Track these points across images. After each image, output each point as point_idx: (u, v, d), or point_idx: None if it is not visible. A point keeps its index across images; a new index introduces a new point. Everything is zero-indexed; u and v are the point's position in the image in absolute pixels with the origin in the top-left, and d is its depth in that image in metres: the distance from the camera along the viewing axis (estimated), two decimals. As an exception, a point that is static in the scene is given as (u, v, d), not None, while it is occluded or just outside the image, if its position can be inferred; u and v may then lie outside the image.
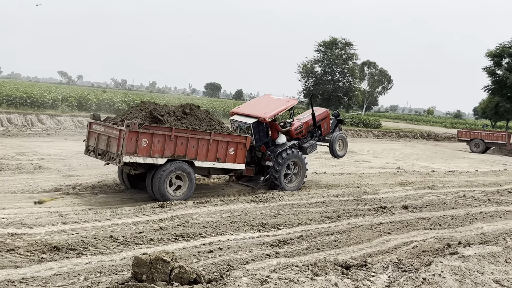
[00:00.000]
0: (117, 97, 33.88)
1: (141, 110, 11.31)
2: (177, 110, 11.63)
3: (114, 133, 10.54)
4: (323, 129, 15.21)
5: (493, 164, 27.61)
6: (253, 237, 8.45)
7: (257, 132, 12.94)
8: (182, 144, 10.90)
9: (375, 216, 10.95)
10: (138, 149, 10.32)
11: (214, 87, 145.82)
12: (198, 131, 11.21)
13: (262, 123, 13.00)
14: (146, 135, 10.37)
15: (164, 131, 10.61)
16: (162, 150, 10.64)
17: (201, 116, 11.94)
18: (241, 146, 12.00)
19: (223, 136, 11.65)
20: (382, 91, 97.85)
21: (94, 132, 11.47)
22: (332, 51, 57.48)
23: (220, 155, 11.61)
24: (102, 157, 11.13)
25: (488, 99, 55.45)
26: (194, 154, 11.15)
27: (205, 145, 11.28)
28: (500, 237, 9.18)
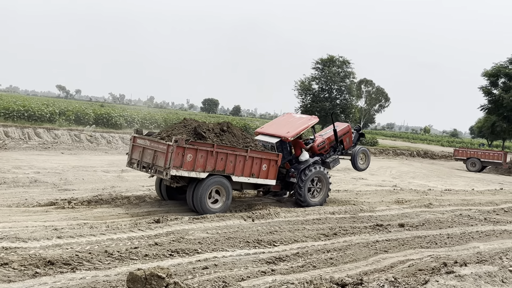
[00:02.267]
0: (115, 112, 33.88)
1: (185, 126, 12.18)
2: (215, 127, 12.36)
3: (162, 147, 11.27)
4: (345, 144, 15.67)
5: (489, 183, 27.63)
6: (249, 254, 8.41)
7: (280, 151, 13.51)
8: (222, 159, 11.69)
9: (371, 234, 10.92)
10: (184, 164, 11.08)
11: (212, 103, 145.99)
12: (237, 148, 11.99)
13: (285, 142, 13.68)
14: (191, 150, 11.15)
15: (207, 147, 11.40)
16: (204, 165, 11.41)
17: (237, 134, 12.69)
18: (273, 163, 12.77)
19: (258, 153, 12.42)
20: (379, 109, 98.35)
21: (138, 146, 12.20)
22: (329, 69, 57.76)
23: (255, 170, 12.39)
24: (146, 170, 11.79)
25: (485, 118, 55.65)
26: (232, 169, 11.92)
27: (242, 161, 12.08)
28: (496, 256, 9.15)
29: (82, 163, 19.17)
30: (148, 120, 34.47)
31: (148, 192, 13.70)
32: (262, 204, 13.44)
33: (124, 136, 29.40)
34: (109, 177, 16.13)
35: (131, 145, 12.54)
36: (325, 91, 59.29)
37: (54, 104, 35.50)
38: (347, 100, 60.68)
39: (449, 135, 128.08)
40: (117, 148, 26.92)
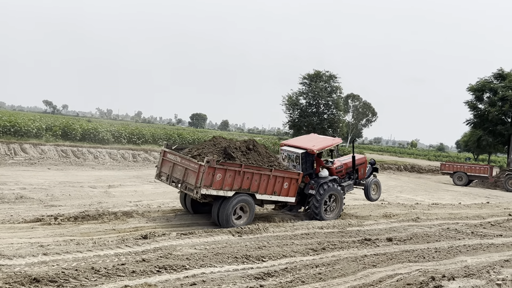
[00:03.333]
0: (102, 127, 33.72)
1: (214, 145, 12.73)
2: (242, 146, 12.84)
3: (193, 166, 11.72)
4: (360, 173, 16.26)
5: (476, 197, 27.85)
6: (237, 270, 8.36)
7: (304, 162, 14.22)
8: (248, 178, 12.15)
9: (359, 248, 10.92)
10: (213, 183, 11.51)
11: (200, 118, 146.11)
12: (262, 167, 12.46)
13: (310, 154, 14.35)
14: (220, 170, 11.59)
15: (235, 167, 11.85)
16: (232, 184, 11.86)
17: (262, 152, 13.21)
18: (294, 181, 13.28)
19: (281, 172, 12.89)
20: (366, 123, 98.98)
21: (168, 160, 12.60)
22: (316, 84, 58.17)
23: (277, 189, 12.87)
24: (176, 185, 12.32)
25: (470, 132, 56.26)
26: (256, 187, 12.38)
27: (266, 180, 12.55)
28: (483, 270, 9.20)
29: (69, 178, 19.01)
30: (136, 135, 34.29)
31: (135, 207, 13.60)
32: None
33: (111, 151, 29.23)
34: (96, 193, 16.01)
35: (160, 158, 12.93)
36: (312, 105, 59.64)
37: (40, 119, 35.26)
38: (335, 115, 61.06)
39: (435, 149, 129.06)
40: (104, 163, 26.75)
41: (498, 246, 12.70)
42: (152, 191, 17.44)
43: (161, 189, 18.08)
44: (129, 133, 34.31)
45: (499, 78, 44.37)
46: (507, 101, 41.65)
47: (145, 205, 14.10)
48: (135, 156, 29.98)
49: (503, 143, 45.98)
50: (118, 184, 18.41)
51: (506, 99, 41.66)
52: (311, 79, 58.73)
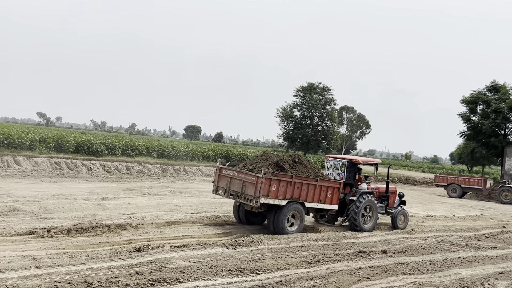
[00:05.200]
0: (96, 139, 33.64)
1: (266, 159, 14.00)
2: (289, 159, 14.15)
3: (250, 178, 12.98)
4: (390, 201, 17.01)
5: (470, 209, 27.89)
6: (231, 282, 8.31)
7: (348, 171, 15.61)
8: (298, 188, 13.37)
9: (354, 260, 10.90)
10: (270, 193, 12.78)
11: (194, 130, 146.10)
12: (309, 178, 13.74)
13: (355, 164, 15.82)
14: (275, 181, 12.85)
15: (287, 178, 13.13)
16: (285, 193, 13.11)
17: (306, 164, 14.50)
18: (336, 190, 14.49)
19: (325, 182, 14.20)
20: (361, 135, 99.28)
21: (225, 176, 13.94)
22: (310, 96, 58.37)
23: (322, 197, 14.09)
24: (234, 197, 13.57)
25: (464, 144, 56.53)
26: (305, 196, 13.62)
27: (313, 189, 13.76)
28: (478, 282, 9.20)
29: (62, 191, 18.91)
30: (130, 148, 34.21)
31: (129, 220, 13.53)
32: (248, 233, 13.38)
33: (105, 163, 29.15)
34: (90, 205, 15.92)
35: (217, 175, 14.22)
36: (306, 118, 59.82)
37: (34, 131, 35.12)
38: (329, 127, 61.22)
39: (429, 161, 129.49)
40: (98, 175, 26.65)
41: (493, 258, 12.71)
42: (145, 204, 17.37)
43: (155, 202, 18.03)
44: (123, 145, 34.24)
45: (492, 90, 44.70)
46: (500, 113, 41.92)
47: (139, 218, 14.03)
48: (129, 168, 29.90)
49: (497, 155, 46.18)
50: (112, 197, 18.32)
51: (499, 111, 41.94)
52: (305, 92, 58.97)
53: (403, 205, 17.65)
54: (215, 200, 20.14)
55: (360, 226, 15.06)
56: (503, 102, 42.50)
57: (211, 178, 32.06)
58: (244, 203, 13.35)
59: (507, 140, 43.85)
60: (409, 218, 17.42)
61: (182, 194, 21.32)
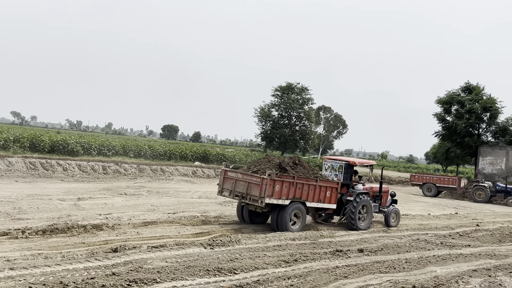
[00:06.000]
0: (72, 139, 33.22)
1: (269, 161, 14.68)
2: (289, 161, 14.88)
3: (255, 180, 13.65)
4: (383, 201, 17.71)
5: (445, 207, 28.33)
6: (209, 282, 8.30)
7: (345, 172, 16.27)
8: (299, 188, 14.08)
9: (331, 259, 10.98)
10: (274, 193, 13.47)
11: (172, 129, 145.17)
12: (310, 179, 14.47)
13: (351, 166, 16.52)
14: (279, 182, 13.57)
15: (290, 179, 13.85)
16: (287, 194, 13.82)
17: (306, 166, 15.23)
18: (334, 190, 15.26)
19: (324, 182, 14.96)
20: (338, 135, 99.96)
21: (230, 178, 14.56)
22: (288, 96, 58.56)
23: (321, 197, 14.81)
24: (239, 198, 14.21)
25: (439, 144, 57.22)
26: (306, 196, 14.32)
27: (313, 189, 14.47)
28: (452, 280, 9.34)
29: (37, 191, 18.63)
30: (106, 147, 33.86)
31: (105, 220, 13.40)
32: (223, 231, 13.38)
33: (81, 163, 28.79)
34: (65, 206, 15.72)
35: (222, 177, 14.84)
36: (284, 117, 60.00)
37: (8, 130, 34.46)
38: (306, 127, 61.53)
39: (405, 160, 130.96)
40: (74, 175, 26.32)
41: (467, 256, 12.93)
42: (122, 204, 17.22)
43: (132, 202, 17.89)
44: (99, 145, 33.87)
45: (466, 91, 45.45)
46: (474, 114, 42.64)
47: (115, 218, 13.91)
48: (105, 168, 29.58)
49: (471, 155, 46.97)
50: (88, 197, 18.12)
51: (473, 111, 42.66)
52: (283, 91, 59.15)
53: (394, 204, 18.32)
54: (192, 200, 20.08)
55: (356, 225, 15.69)
56: (477, 102, 43.25)
57: (188, 178, 31.95)
58: (249, 203, 14.00)
59: (480, 140, 44.68)
60: (400, 217, 18.09)
61: (159, 194, 21.19)
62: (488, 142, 45.09)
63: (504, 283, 7.76)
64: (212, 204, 19.42)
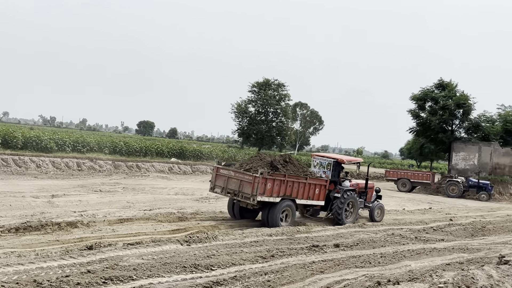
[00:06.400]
0: (45, 135, 32.68)
1: (261, 160, 14.99)
2: (280, 159, 15.22)
3: (247, 178, 13.88)
4: (368, 196, 18.24)
5: (419, 202, 28.74)
6: (186, 279, 8.26)
7: (334, 169, 16.70)
8: (290, 186, 14.40)
9: (308, 255, 11.04)
10: (266, 191, 13.74)
11: (148, 125, 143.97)
12: (300, 177, 14.80)
13: (339, 163, 16.93)
14: (270, 180, 13.85)
15: (281, 177, 14.17)
16: (278, 191, 14.12)
17: (296, 164, 15.59)
18: (323, 187, 15.64)
19: (314, 180, 15.32)
20: (314, 131, 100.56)
21: (222, 175, 14.77)
22: (265, 92, 58.60)
23: (311, 194, 15.15)
24: (231, 195, 14.46)
25: (413, 140, 58.09)
26: (296, 194, 14.65)
27: (303, 187, 14.82)
28: (427, 274, 9.46)
29: (10, 188, 18.29)
30: (81, 144, 33.40)
31: (80, 217, 13.23)
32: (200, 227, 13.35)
33: (55, 160, 28.36)
34: (39, 203, 15.46)
35: (214, 174, 15.05)
36: (261, 113, 60.02)
37: (-21, 126, 33.80)
38: (283, 123, 61.68)
39: (380, 156, 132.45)
40: (47, 172, 25.93)
41: (440, 250, 13.15)
42: (97, 201, 17.02)
43: (107, 199, 17.70)
44: (74, 141, 33.38)
45: (439, 87, 46.07)
46: (448, 110, 43.30)
47: (90, 215, 13.75)
48: (80, 164, 29.20)
49: (444, 151, 47.73)
50: (62, 194, 17.86)
51: (447, 108, 43.30)
52: (260, 87, 59.16)
53: (379, 199, 18.72)
54: (169, 197, 19.97)
55: (343, 221, 16.07)
56: (450, 99, 43.90)
57: (165, 174, 31.75)
58: (241, 200, 14.23)
59: (454, 136, 45.39)
60: (385, 212, 18.58)
61: (135, 191, 21.02)
62: (461, 138, 45.86)
63: (476, 276, 7.90)
64: (189, 200, 19.34)
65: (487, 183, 36.54)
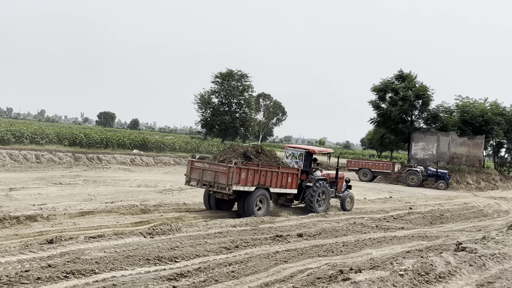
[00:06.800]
0: (2, 126, 31.75)
1: (234, 151, 15.53)
2: (253, 150, 15.85)
3: (222, 169, 14.35)
4: (338, 186, 18.76)
5: (380, 192, 29.31)
6: (149, 272, 8.20)
7: (305, 160, 17.33)
8: (263, 175, 14.96)
9: (271, 245, 11.11)
10: (240, 180, 14.24)
11: (108, 116, 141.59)
12: (273, 166, 15.43)
13: (311, 154, 17.57)
14: (244, 170, 14.36)
15: (254, 167, 14.72)
16: (253, 180, 14.65)
17: (268, 154, 16.28)
18: (295, 176, 16.18)
19: (286, 169, 15.92)
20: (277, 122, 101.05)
21: (197, 168, 15.09)
22: (228, 83, 58.45)
23: (284, 183, 15.70)
24: (207, 186, 14.82)
25: (374, 130, 58.98)
26: (270, 182, 15.19)
27: (276, 176, 15.36)
28: (387, 261, 9.66)
29: (-35, 182, 17.74)
30: (39, 135, 32.59)
31: (40, 211, 12.94)
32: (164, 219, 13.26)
33: (12, 152, 27.60)
34: (-4, 197, 15.05)
35: (189, 167, 15.32)
36: (224, 104, 59.89)
37: None
38: (247, 114, 61.73)
39: (342, 146, 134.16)
40: (5, 165, 25.23)
41: (400, 238, 13.46)
42: (57, 194, 16.69)
43: (67, 191, 17.38)
44: (32, 133, 32.55)
45: (399, 79, 46.91)
46: (407, 101, 44.14)
47: (50, 208, 13.46)
48: (39, 157, 28.52)
49: (404, 141, 48.72)
50: (21, 187, 17.43)
51: (406, 99, 44.14)
52: (223, 78, 58.97)
53: (349, 189, 19.22)
54: (131, 189, 19.75)
55: (315, 209, 16.64)
56: (410, 90, 44.76)
57: (126, 166, 31.37)
58: (217, 191, 14.66)
59: (413, 126, 46.38)
60: (354, 201, 19.33)
61: (96, 183, 20.69)
62: (420, 128, 46.91)
63: (435, 263, 8.13)
64: (152, 192, 19.18)
65: (445, 172, 37.52)
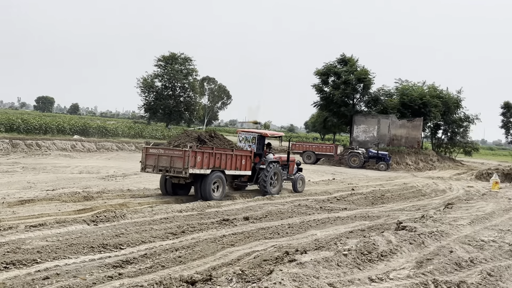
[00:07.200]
0: None
1: (188, 136, 16.02)
2: (206, 134, 16.55)
3: (177, 153, 14.62)
4: (290, 169, 19.39)
5: (323, 174, 29.90)
6: (94, 259, 8.06)
7: (258, 143, 17.98)
8: (218, 158, 15.37)
9: (218, 229, 11.15)
10: (196, 164, 14.55)
11: (47, 101, 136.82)
12: (227, 149, 15.98)
13: (263, 137, 18.37)
14: (199, 153, 14.72)
15: (209, 150, 15.17)
16: (208, 163, 15.00)
17: (221, 138, 16.92)
18: (248, 158, 16.78)
19: (239, 152, 16.53)
20: (222, 106, 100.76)
21: (152, 154, 15.21)
22: (172, 66, 57.63)
23: (238, 165, 16.22)
24: (163, 172, 14.99)
25: (317, 114, 59.96)
26: (225, 165, 15.64)
27: (230, 158, 15.85)
28: (331, 242, 9.92)
29: None
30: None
31: (-24, 200, 12.41)
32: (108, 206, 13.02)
33: None
34: None
35: (144, 154, 15.42)
36: (168, 88, 59.11)
37: None
38: (191, 98, 61.20)
39: (286, 130, 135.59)
40: None
41: (344, 219, 13.82)
42: (-6, 182, 16.05)
43: (5, 179, 16.76)
44: (-35, 119, 31.08)
45: (342, 62, 47.75)
46: (350, 85, 45.05)
47: (-13, 197, 12.94)
48: (-27, 144, 27.28)
49: (346, 124, 49.82)
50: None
51: (348, 82, 45.04)
52: (166, 61, 58.09)
53: (300, 171, 19.80)
54: (73, 176, 19.26)
55: (269, 190, 17.18)
56: (352, 74, 45.67)
57: (67, 152, 30.51)
58: (174, 175, 14.86)
59: (355, 109, 47.45)
60: (305, 182, 19.94)
61: (36, 170, 20.04)
62: (362, 111, 48.05)
63: (377, 242, 8.40)
64: (94, 179, 18.77)
65: (386, 154, 38.69)
